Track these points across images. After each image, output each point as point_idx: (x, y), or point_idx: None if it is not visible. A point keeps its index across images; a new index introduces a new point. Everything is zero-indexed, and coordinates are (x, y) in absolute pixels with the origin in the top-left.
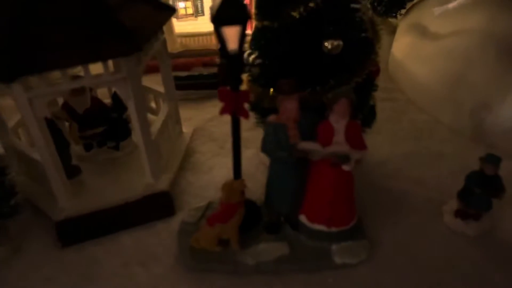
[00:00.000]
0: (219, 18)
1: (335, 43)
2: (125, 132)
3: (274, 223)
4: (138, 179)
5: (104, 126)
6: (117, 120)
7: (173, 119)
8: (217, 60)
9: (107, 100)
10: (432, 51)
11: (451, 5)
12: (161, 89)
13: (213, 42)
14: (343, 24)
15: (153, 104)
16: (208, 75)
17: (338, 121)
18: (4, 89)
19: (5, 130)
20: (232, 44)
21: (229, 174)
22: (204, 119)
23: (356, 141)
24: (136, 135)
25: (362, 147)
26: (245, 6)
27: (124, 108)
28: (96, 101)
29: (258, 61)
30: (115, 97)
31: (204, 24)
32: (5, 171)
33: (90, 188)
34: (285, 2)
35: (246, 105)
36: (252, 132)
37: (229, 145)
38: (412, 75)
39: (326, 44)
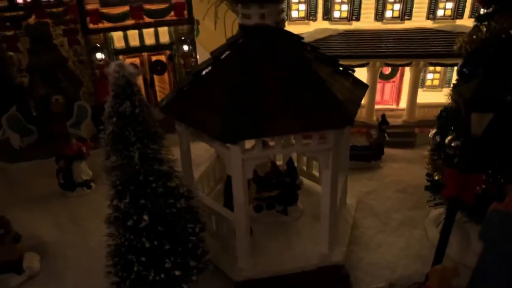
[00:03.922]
0: (473, 104)
1: None
2: (294, 197)
3: None
4: (311, 248)
5: (277, 189)
6: (289, 185)
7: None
8: (373, 133)
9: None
10: None
11: None
12: None
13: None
14: None
15: (316, 172)
16: (361, 147)
17: None
18: (219, 147)
19: (194, 184)
20: (477, 129)
21: (401, 254)
22: (362, 192)
23: None
24: (323, 205)
25: None
26: (503, 90)
27: (296, 174)
28: (273, 165)
29: (456, 143)
30: (289, 163)
31: None
32: (205, 227)
33: (264, 250)
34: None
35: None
36: (418, 211)
37: (393, 222)
38: None
39: None
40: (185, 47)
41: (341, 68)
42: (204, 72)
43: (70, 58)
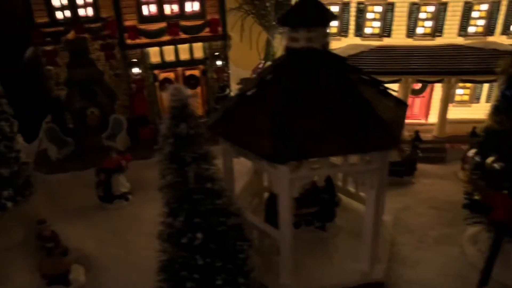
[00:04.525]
0: None
1: None
2: (332, 214)
3: None
4: (351, 265)
5: (316, 206)
6: (328, 202)
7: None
8: (405, 148)
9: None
10: None
11: None
12: None
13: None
14: None
15: (351, 188)
16: (394, 162)
17: None
18: (266, 166)
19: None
20: None
21: (439, 272)
22: (396, 208)
23: None
24: (366, 223)
25: None
26: None
27: (335, 191)
28: (313, 182)
29: (499, 164)
30: (328, 180)
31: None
32: (251, 244)
33: (305, 267)
34: None
35: None
36: (453, 229)
37: (429, 239)
38: None
39: None
40: (219, 62)
41: (382, 88)
42: (249, 93)
43: (106, 72)
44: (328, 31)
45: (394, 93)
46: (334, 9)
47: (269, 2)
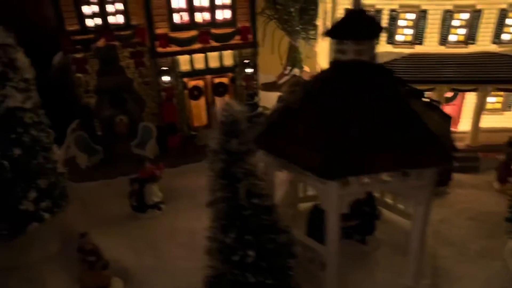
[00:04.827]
0: None
1: None
2: (372, 227)
3: None
4: (394, 280)
5: (357, 219)
6: (369, 215)
7: None
8: None
9: None
10: None
11: None
12: None
13: None
14: None
15: (389, 200)
16: None
17: None
18: (314, 181)
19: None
20: None
21: (483, 286)
22: (435, 220)
23: None
24: (413, 239)
25: None
26: None
27: (375, 203)
28: None
29: None
30: (369, 192)
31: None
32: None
33: (348, 281)
34: None
35: None
36: (493, 241)
37: (470, 252)
38: None
39: None
40: (248, 70)
41: (427, 101)
42: (294, 105)
43: (135, 80)
44: (376, 43)
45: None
46: None
47: (293, 7)
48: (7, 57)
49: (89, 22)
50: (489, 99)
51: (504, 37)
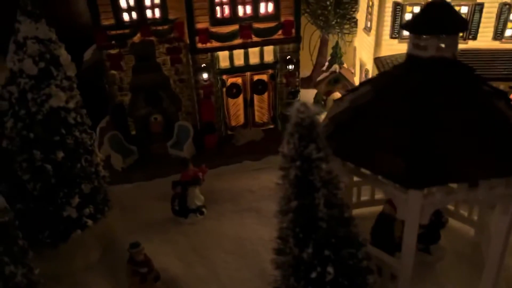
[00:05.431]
0: None
1: None
2: (437, 235)
3: None
4: None
5: (422, 227)
6: (434, 222)
7: None
8: None
9: None
10: None
11: None
12: None
13: None
14: None
15: (451, 207)
16: None
17: None
18: (391, 189)
19: None
20: None
21: None
22: None
23: None
24: (493, 252)
25: None
26: None
27: (441, 212)
28: None
29: None
30: None
31: None
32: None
33: None
34: None
35: None
36: None
37: None
38: None
39: None
40: (290, 66)
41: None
42: (366, 105)
43: (171, 77)
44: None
45: None
46: (417, 9)
47: (329, 0)
48: (50, 53)
49: (125, 17)
50: None
51: None
